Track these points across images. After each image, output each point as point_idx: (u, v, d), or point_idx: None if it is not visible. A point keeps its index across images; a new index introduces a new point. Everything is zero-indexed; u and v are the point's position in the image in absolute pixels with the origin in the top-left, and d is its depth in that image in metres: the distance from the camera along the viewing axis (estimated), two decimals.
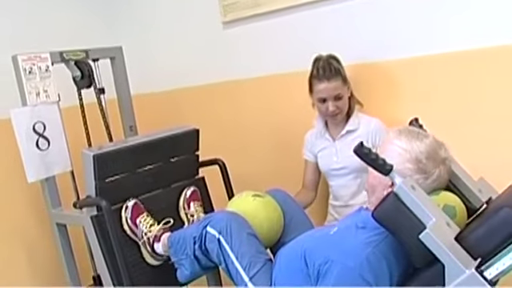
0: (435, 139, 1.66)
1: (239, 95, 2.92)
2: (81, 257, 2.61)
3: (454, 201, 1.63)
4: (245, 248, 1.88)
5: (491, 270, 1.37)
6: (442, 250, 1.38)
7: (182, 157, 2.49)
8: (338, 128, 2.36)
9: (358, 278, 1.48)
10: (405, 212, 1.44)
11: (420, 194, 1.48)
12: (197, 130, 2.49)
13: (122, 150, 2.27)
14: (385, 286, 1.52)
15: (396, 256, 1.55)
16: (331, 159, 2.36)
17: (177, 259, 2.11)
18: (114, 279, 2.20)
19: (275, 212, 2.13)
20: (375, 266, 1.50)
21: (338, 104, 2.27)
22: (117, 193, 2.26)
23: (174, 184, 2.47)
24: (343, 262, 1.51)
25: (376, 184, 1.67)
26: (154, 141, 2.37)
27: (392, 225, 1.49)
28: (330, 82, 2.24)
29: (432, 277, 1.46)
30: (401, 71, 2.33)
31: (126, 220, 2.24)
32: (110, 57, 2.66)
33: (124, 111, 2.74)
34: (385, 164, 1.47)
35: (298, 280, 1.67)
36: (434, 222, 1.40)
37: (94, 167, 2.17)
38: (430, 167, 1.61)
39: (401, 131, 1.68)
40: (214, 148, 2.69)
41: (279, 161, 2.83)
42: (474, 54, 2.12)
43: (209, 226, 1.97)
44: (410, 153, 1.61)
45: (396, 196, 1.46)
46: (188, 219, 2.39)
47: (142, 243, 2.24)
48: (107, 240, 2.18)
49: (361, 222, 1.63)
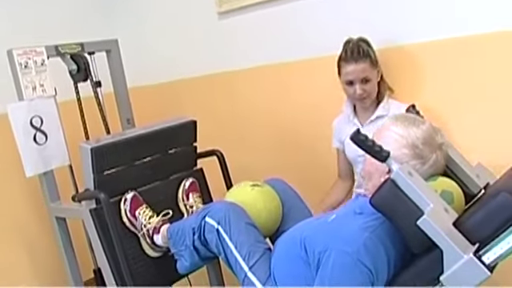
0: (431, 125, 1.66)
1: (236, 86, 2.92)
2: (81, 250, 2.61)
3: (451, 186, 1.63)
4: (243, 238, 1.89)
5: (489, 254, 1.37)
6: (439, 236, 1.38)
7: (179, 148, 2.48)
8: (368, 113, 2.30)
9: (356, 262, 1.48)
10: (402, 198, 1.44)
11: (417, 180, 1.48)
12: (194, 122, 2.49)
13: (119, 143, 2.27)
14: (383, 271, 1.53)
15: (393, 241, 1.55)
16: None
17: (176, 250, 2.12)
18: (114, 272, 2.20)
19: (274, 201, 2.13)
20: (373, 250, 1.50)
21: (365, 87, 2.21)
22: (115, 185, 2.26)
23: (173, 176, 2.47)
24: (341, 248, 1.51)
25: (373, 171, 1.67)
26: (151, 133, 2.36)
27: (389, 211, 1.49)
28: (358, 63, 2.18)
29: (430, 262, 1.46)
30: (424, 55, 2.28)
31: (125, 212, 2.24)
32: (105, 50, 2.66)
33: (121, 104, 2.74)
34: (381, 150, 1.47)
35: (298, 267, 1.67)
36: (432, 207, 1.40)
37: (92, 160, 2.16)
38: (426, 152, 1.61)
39: (397, 118, 1.69)
40: (213, 139, 2.69)
41: (278, 151, 2.83)
42: (496, 36, 2.07)
43: (207, 216, 1.98)
44: (407, 138, 1.61)
45: (393, 182, 1.46)
46: (187, 210, 2.39)
47: (141, 235, 2.24)
48: (107, 233, 2.18)
49: (358, 208, 1.64)
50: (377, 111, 2.26)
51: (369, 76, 2.20)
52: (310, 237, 1.66)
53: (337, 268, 1.51)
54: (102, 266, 2.26)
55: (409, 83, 2.33)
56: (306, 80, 2.33)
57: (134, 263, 2.23)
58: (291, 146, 2.70)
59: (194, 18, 2.99)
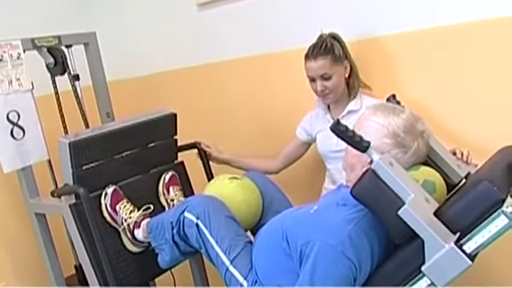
0: (412, 113, 1.66)
1: (217, 78, 2.90)
2: (62, 246, 2.58)
3: (433, 176, 1.64)
4: (224, 231, 1.88)
5: (470, 243, 1.39)
6: (420, 226, 1.38)
7: (159, 142, 2.46)
8: (340, 108, 2.29)
9: (340, 255, 1.48)
10: (383, 188, 1.44)
11: (398, 170, 1.48)
12: (174, 114, 2.46)
13: (98, 137, 2.24)
14: (366, 264, 1.53)
15: (377, 233, 1.55)
16: (331, 141, 2.27)
17: (156, 244, 2.10)
18: (95, 267, 2.18)
19: (253, 194, 2.12)
20: (357, 243, 1.50)
21: (325, 84, 2.19)
22: (95, 180, 2.23)
23: (153, 169, 2.45)
24: (324, 240, 1.50)
25: (355, 162, 1.66)
26: (130, 126, 2.34)
27: (371, 202, 1.49)
28: (317, 60, 2.17)
29: (412, 253, 1.46)
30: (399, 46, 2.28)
31: (105, 207, 2.21)
32: (83, 42, 2.61)
33: (100, 97, 2.70)
34: (362, 141, 1.47)
35: (280, 258, 1.66)
36: (413, 197, 1.41)
37: (71, 155, 2.13)
38: (408, 141, 1.61)
39: (376, 107, 1.69)
40: (194, 132, 2.67)
41: (259, 143, 2.82)
42: (475, 26, 2.07)
43: (186, 211, 1.96)
44: (388, 128, 1.61)
45: (374, 173, 1.46)
46: (168, 204, 2.37)
47: (122, 230, 2.22)
48: (87, 228, 2.15)
49: (341, 199, 1.63)
50: (348, 106, 2.26)
51: (328, 73, 2.18)
52: (292, 228, 1.65)
53: (320, 260, 1.50)
54: (82, 262, 2.23)
55: (387, 75, 2.33)
56: (287, 71, 2.31)
57: (115, 258, 2.21)
58: (272, 138, 2.69)
59: (173, 9, 2.96)
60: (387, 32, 2.27)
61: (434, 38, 2.17)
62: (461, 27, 2.09)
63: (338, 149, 2.25)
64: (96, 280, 2.19)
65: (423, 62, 2.23)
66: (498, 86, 2.08)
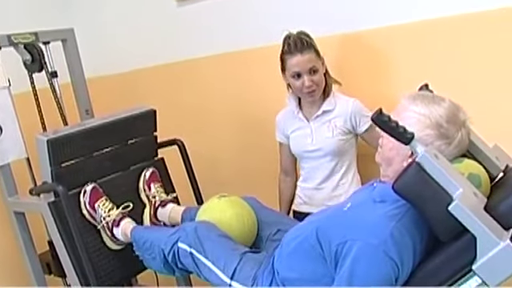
0: (452, 101, 1.54)
1: (197, 74, 2.88)
2: (42, 244, 2.55)
3: (477, 169, 1.53)
4: (218, 251, 1.83)
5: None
6: (473, 222, 1.29)
7: (139, 138, 2.45)
8: (314, 108, 2.25)
9: (382, 255, 1.39)
10: (429, 183, 1.36)
11: (444, 163, 1.39)
12: (154, 111, 2.45)
13: (76, 134, 2.22)
14: (408, 263, 1.44)
15: (419, 230, 1.46)
16: (305, 140, 2.26)
17: (142, 255, 2.09)
18: (75, 265, 2.17)
19: (243, 208, 2.07)
20: (399, 241, 1.40)
21: (313, 78, 2.15)
22: (74, 177, 2.22)
23: (133, 166, 2.44)
24: (365, 240, 1.40)
25: (393, 156, 1.55)
26: (109, 123, 2.33)
27: (416, 197, 1.39)
28: (304, 54, 2.12)
29: (459, 250, 1.39)
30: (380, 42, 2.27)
31: (84, 205, 2.20)
32: (61, 39, 2.59)
33: (79, 95, 2.68)
34: (405, 132, 1.36)
35: (311, 263, 1.56)
36: (462, 192, 1.32)
37: (49, 152, 2.12)
38: (451, 131, 1.50)
39: (415, 97, 1.56)
40: (174, 129, 2.66)
41: (239, 138, 2.82)
42: (459, 19, 2.06)
43: (179, 241, 1.91)
44: (430, 118, 1.49)
45: (419, 166, 1.37)
46: (150, 201, 2.36)
47: (101, 227, 2.21)
48: (66, 226, 2.13)
49: (378, 195, 1.54)
50: (323, 106, 2.22)
51: (316, 66, 2.15)
52: (325, 227, 1.53)
53: (361, 261, 1.41)
54: (62, 260, 2.22)
55: (368, 70, 2.33)
56: (267, 67, 2.29)
57: (96, 256, 2.21)
58: (253, 134, 2.69)
59: (153, 5, 2.95)
60: (368, 27, 2.26)
61: (416, 32, 2.17)
62: (445, 21, 2.08)
63: (312, 148, 2.24)
64: (76, 278, 2.18)
65: (405, 56, 2.23)
66: (487, 79, 2.07)
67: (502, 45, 2.01)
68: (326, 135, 2.21)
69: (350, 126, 2.19)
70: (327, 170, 2.24)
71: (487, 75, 2.06)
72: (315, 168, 2.28)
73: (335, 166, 2.23)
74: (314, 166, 2.28)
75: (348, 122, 2.19)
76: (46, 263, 2.55)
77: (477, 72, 2.08)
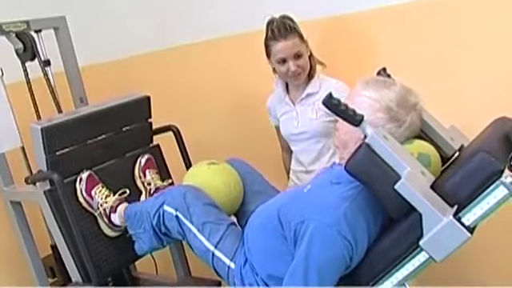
0: (403, 85, 1.62)
1: (190, 60, 2.88)
2: (40, 233, 2.55)
3: (428, 149, 1.60)
4: (204, 218, 1.86)
5: (469, 215, 1.37)
6: (418, 199, 1.36)
7: (134, 125, 2.44)
8: (299, 91, 2.27)
9: (336, 234, 1.45)
10: (378, 163, 1.42)
11: (393, 144, 1.45)
12: (148, 97, 2.44)
13: (71, 122, 2.22)
14: (362, 242, 1.51)
15: (372, 209, 1.53)
16: (292, 124, 2.30)
17: (134, 232, 2.10)
18: (72, 253, 2.17)
19: (231, 176, 2.10)
20: (352, 221, 1.47)
21: (299, 63, 2.17)
22: (69, 165, 2.22)
23: (128, 153, 2.43)
24: (320, 220, 1.47)
25: (347, 139, 1.63)
26: (103, 110, 2.32)
27: (366, 177, 1.46)
28: (287, 39, 2.14)
29: (409, 227, 1.45)
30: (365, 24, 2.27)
31: (80, 192, 2.20)
32: (53, 27, 2.56)
33: (73, 83, 2.66)
34: (355, 114, 1.42)
35: (273, 240, 1.63)
36: (409, 171, 1.38)
37: (43, 140, 2.11)
38: (401, 114, 1.57)
39: (367, 82, 1.64)
40: (169, 115, 2.64)
41: (234, 123, 2.83)
42: (441, 2, 2.08)
43: (165, 204, 1.94)
44: (380, 102, 1.57)
45: (368, 147, 1.43)
46: (145, 188, 2.36)
47: (98, 215, 2.21)
48: (63, 214, 2.14)
49: (335, 177, 1.60)
50: (307, 89, 2.25)
51: (300, 51, 2.17)
52: (285, 208, 1.62)
53: (315, 240, 1.47)
54: (60, 248, 2.22)
55: (344, 55, 2.35)
56: (259, 51, 2.30)
57: (93, 243, 2.20)
58: (247, 118, 2.69)
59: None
60: (351, 10, 2.28)
61: (398, 14, 2.19)
62: (428, 3, 2.10)
63: (298, 131, 2.28)
64: (74, 266, 2.19)
65: (388, 38, 2.25)
66: (473, 61, 2.10)
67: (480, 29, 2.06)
68: (310, 117, 2.23)
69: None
70: (314, 152, 2.27)
71: (470, 57, 2.09)
72: (303, 151, 2.31)
73: (322, 148, 2.26)
74: (301, 149, 2.32)
75: None
76: (50, 267, 2.58)
77: (459, 54, 2.11)
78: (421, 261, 1.45)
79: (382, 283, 1.51)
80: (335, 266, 1.49)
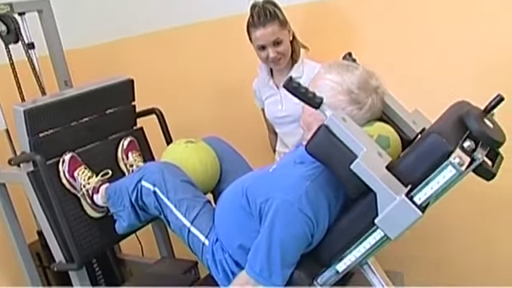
0: (365, 69, 1.65)
1: (175, 43, 2.90)
2: (26, 220, 2.57)
3: (388, 131, 1.64)
4: (181, 195, 1.89)
5: (420, 195, 1.40)
6: (372, 179, 1.40)
7: (117, 108, 2.46)
8: (283, 75, 2.29)
9: (297, 211, 1.49)
10: (336, 144, 1.45)
11: (351, 125, 1.47)
12: (131, 80, 2.46)
13: (54, 104, 2.23)
14: (324, 220, 1.55)
15: (334, 189, 1.56)
16: (276, 107, 2.32)
17: (115, 211, 2.12)
18: (56, 234, 2.20)
19: (208, 156, 2.14)
20: (313, 199, 1.51)
21: (278, 49, 2.19)
22: (52, 147, 2.23)
23: (112, 136, 2.45)
24: (282, 198, 1.51)
25: (311, 121, 1.67)
26: (87, 93, 2.33)
27: (324, 157, 1.49)
28: (266, 27, 2.16)
29: (366, 206, 1.48)
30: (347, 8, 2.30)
31: (63, 173, 2.22)
32: (37, 10, 2.57)
33: (57, 65, 2.67)
34: (315, 97, 1.45)
35: (241, 217, 1.68)
36: (365, 151, 1.41)
37: (26, 122, 2.12)
38: (362, 97, 1.61)
39: (331, 65, 1.67)
40: (154, 99, 2.66)
41: (217, 106, 2.85)
42: None
43: (143, 180, 1.96)
44: (342, 85, 1.60)
45: (327, 128, 1.46)
46: (128, 169, 2.39)
47: (81, 195, 2.23)
48: (46, 195, 2.15)
49: (298, 157, 1.63)
50: (290, 73, 2.24)
51: (280, 38, 2.18)
52: (252, 187, 1.66)
53: (278, 217, 1.52)
54: (43, 229, 2.24)
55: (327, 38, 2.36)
56: (244, 35, 2.31)
57: (76, 224, 2.23)
58: (230, 102, 2.71)
59: None
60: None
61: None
62: None
63: (282, 115, 2.30)
64: (57, 246, 2.21)
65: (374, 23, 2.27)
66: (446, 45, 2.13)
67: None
68: (295, 101, 2.21)
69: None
70: (298, 135, 2.25)
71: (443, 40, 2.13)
72: (288, 134, 2.34)
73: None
74: (286, 132, 2.34)
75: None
76: (37, 253, 2.62)
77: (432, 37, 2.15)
78: (376, 239, 1.49)
79: (341, 260, 1.57)
80: (297, 242, 1.54)
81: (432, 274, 2.46)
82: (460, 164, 1.36)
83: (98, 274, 2.63)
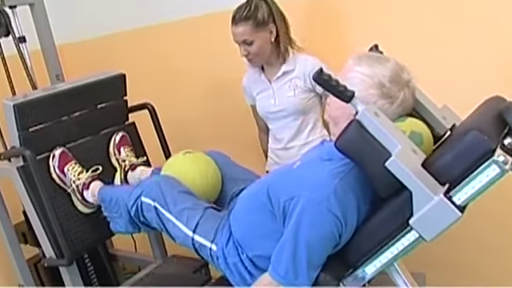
0: (397, 62, 1.57)
1: (166, 38, 2.89)
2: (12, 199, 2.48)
3: (420, 127, 1.56)
4: (181, 205, 1.84)
5: (460, 194, 1.34)
6: (408, 177, 1.33)
7: (109, 103, 2.44)
8: (274, 69, 2.27)
9: (325, 211, 1.42)
10: (369, 140, 1.38)
11: (384, 121, 1.41)
12: (123, 75, 2.44)
13: (44, 98, 2.21)
14: (352, 219, 1.48)
15: (363, 187, 1.50)
16: (269, 102, 2.29)
17: (109, 214, 2.10)
18: (46, 229, 2.18)
19: (208, 165, 2.09)
20: (342, 198, 1.44)
21: (248, 49, 2.18)
22: (43, 142, 2.22)
23: (103, 131, 2.44)
24: (309, 196, 1.44)
25: (338, 115, 1.58)
26: (78, 87, 2.31)
27: (356, 154, 1.42)
28: (237, 26, 2.15)
29: (399, 206, 1.42)
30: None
31: (53, 169, 2.20)
32: (28, 3, 2.54)
33: (48, 59, 2.65)
34: (346, 90, 1.38)
35: (262, 219, 1.60)
36: (400, 148, 1.34)
37: (16, 117, 2.11)
38: (394, 91, 1.52)
39: (360, 57, 1.58)
40: (146, 94, 2.65)
41: (209, 101, 2.83)
42: None
43: (143, 195, 1.92)
44: (373, 78, 1.51)
45: (359, 123, 1.39)
46: (120, 165, 2.37)
47: (71, 191, 2.22)
48: (36, 190, 2.14)
49: (325, 154, 1.57)
50: (283, 67, 2.24)
51: (249, 39, 2.16)
52: (274, 185, 1.58)
53: (304, 217, 1.44)
54: (33, 224, 2.23)
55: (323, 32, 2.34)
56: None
57: (66, 220, 2.21)
58: (222, 97, 2.69)
59: None
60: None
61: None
62: None
63: (276, 109, 2.27)
64: (48, 242, 2.19)
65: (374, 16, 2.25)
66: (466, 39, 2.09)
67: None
68: (288, 95, 2.23)
69: (310, 84, 2.21)
70: (293, 129, 2.27)
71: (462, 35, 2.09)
72: (281, 128, 2.31)
73: (300, 125, 2.26)
74: (279, 126, 2.31)
75: (308, 80, 2.20)
76: (22, 233, 2.58)
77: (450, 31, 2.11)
78: (410, 240, 1.42)
79: (371, 262, 1.50)
80: (324, 243, 1.47)
81: (453, 277, 2.42)
82: (504, 162, 1.29)
83: (90, 270, 2.62)
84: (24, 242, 2.60)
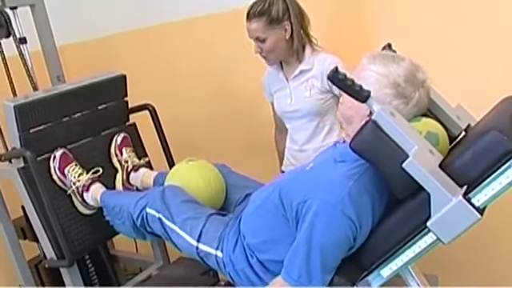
0: (412, 62, 1.53)
1: (168, 39, 2.88)
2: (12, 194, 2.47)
3: (436, 127, 1.53)
4: (184, 215, 1.83)
5: (479, 196, 1.32)
6: (426, 179, 1.30)
7: (109, 103, 2.44)
8: (292, 68, 2.19)
9: (339, 214, 1.40)
10: (385, 140, 1.35)
11: (400, 121, 1.38)
12: (124, 76, 2.44)
13: (45, 99, 2.21)
14: (367, 222, 1.46)
15: (378, 188, 1.47)
16: (285, 101, 2.23)
17: (112, 220, 2.11)
18: (46, 230, 2.18)
19: (211, 171, 2.08)
20: (357, 200, 1.42)
21: (261, 46, 2.13)
22: (43, 143, 2.22)
23: (104, 132, 2.44)
24: (323, 199, 1.41)
25: (352, 114, 1.54)
26: (79, 88, 2.31)
27: (372, 155, 1.39)
28: (251, 23, 2.10)
29: (416, 208, 1.40)
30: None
31: (54, 170, 2.20)
32: (29, 4, 2.54)
33: (50, 61, 2.65)
34: (361, 90, 1.35)
35: (274, 222, 1.57)
36: (417, 149, 1.32)
37: (16, 118, 2.11)
38: (409, 91, 1.49)
39: (375, 56, 1.55)
40: (147, 95, 2.64)
41: (211, 103, 2.83)
42: None
43: (147, 207, 1.92)
44: (388, 77, 1.48)
45: (375, 124, 1.36)
46: (122, 166, 2.37)
47: (71, 192, 2.22)
48: (36, 192, 2.14)
49: (339, 155, 1.54)
50: (301, 65, 2.17)
51: (261, 36, 2.10)
52: (287, 187, 1.55)
53: (318, 220, 1.42)
54: (34, 225, 2.23)
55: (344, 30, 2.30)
56: (237, 31, 2.29)
57: (67, 221, 2.21)
58: (224, 98, 2.68)
59: None
60: None
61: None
62: None
63: (292, 109, 2.21)
64: (48, 243, 2.19)
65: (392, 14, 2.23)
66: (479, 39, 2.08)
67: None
68: (304, 95, 2.17)
69: (327, 85, 2.13)
70: (309, 130, 2.21)
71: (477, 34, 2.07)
72: (297, 129, 2.25)
73: (316, 127, 2.20)
74: (295, 127, 2.26)
75: (325, 80, 2.11)
76: (21, 228, 2.57)
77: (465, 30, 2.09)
78: (428, 242, 1.40)
79: (387, 265, 1.47)
80: (338, 246, 1.44)
81: (465, 279, 2.40)
82: None
83: (91, 271, 2.61)
84: (23, 237, 2.59)
